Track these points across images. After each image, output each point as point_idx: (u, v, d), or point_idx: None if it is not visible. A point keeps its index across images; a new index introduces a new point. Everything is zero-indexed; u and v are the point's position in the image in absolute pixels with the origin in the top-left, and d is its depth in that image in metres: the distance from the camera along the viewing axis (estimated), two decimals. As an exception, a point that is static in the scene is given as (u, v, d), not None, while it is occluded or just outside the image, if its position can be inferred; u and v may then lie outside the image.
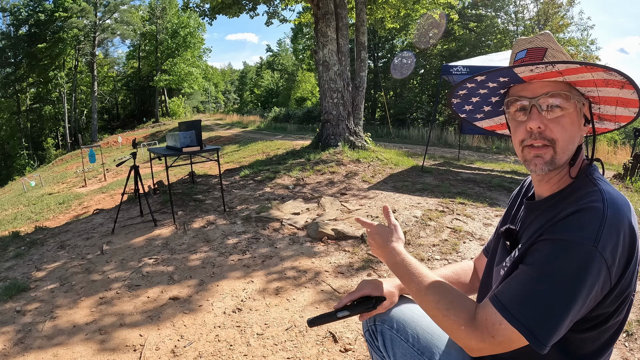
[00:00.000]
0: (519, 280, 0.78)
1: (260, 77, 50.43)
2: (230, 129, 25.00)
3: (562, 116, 0.84)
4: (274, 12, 10.91)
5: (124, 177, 11.27)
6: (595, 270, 0.72)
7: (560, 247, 0.75)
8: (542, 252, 0.78)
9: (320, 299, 2.57)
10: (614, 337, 0.85)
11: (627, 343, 2.08)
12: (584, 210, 0.76)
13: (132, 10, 36.72)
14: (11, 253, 3.78)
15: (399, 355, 1.02)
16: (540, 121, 0.84)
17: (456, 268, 1.24)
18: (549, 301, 0.73)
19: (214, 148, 4.48)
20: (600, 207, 0.75)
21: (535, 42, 0.89)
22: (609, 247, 0.73)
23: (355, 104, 8.73)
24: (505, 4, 24.27)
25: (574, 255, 0.73)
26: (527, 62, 0.86)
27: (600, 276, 0.73)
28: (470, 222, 3.94)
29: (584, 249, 0.72)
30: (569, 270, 0.73)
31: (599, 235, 0.72)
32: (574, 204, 0.80)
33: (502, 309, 0.77)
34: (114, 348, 2.17)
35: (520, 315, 0.74)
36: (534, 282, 0.75)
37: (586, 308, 0.76)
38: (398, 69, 26.78)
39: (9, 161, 34.87)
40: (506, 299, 0.77)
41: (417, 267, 0.96)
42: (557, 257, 0.75)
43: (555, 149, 0.85)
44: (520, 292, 0.76)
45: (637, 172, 5.59)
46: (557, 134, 0.84)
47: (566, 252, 0.74)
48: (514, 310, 0.75)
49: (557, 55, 0.87)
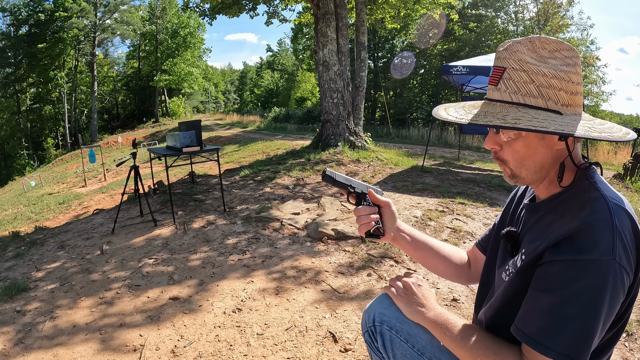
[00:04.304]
0: (543, 310, 0.76)
1: (260, 77, 50.44)
2: (230, 129, 25.00)
3: (515, 140, 0.85)
4: (274, 12, 10.91)
5: (124, 177, 11.27)
6: (619, 281, 0.73)
7: (580, 268, 0.73)
8: (559, 275, 0.75)
9: (321, 299, 2.57)
10: (616, 337, 0.85)
11: (627, 343, 2.08)
12: (593, 226, 0.75)
13: (132, 10, 36.71)
14: (11, 253, 3.78)
15: (398, 355, 1.02)
16: (495, 142, 0.88)
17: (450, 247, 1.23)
18: (582, 324, 0.72)
19: (214, 148, 4.48)
20: (608, 218, 0.75)
21: (500, 58, 0.85)
22: (624, 254, 0.73)
23: (355, 104, 8.74)
24: (505, 4, 24.28)
25: (597, 273, 0.72)
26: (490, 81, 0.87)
27: (624, 285, 0.74)
28: (470, 222, 3.94)
29: (604, 264, 0.72)
30: (596, 289, 0.72)
31: (614, 246, 0.72)
32: (577, 214, 0.78)
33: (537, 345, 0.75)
34: (114, 348, 2.17)
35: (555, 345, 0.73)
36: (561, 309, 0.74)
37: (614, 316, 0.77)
38: (398, 69, 26.79)
39: (9, 161, 34.85)
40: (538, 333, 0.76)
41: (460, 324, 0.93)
42: (577, 278, 0.73)
43: (510, 168, 0.87)
44: (549, 322, 0.75)
45: (637, 172, 5.59)
46: (508, 156, 0.87)
47: (588, 272, 0.72)
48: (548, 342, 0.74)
49: (514, 76, 0.82)
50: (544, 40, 0.82)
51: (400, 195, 5.06)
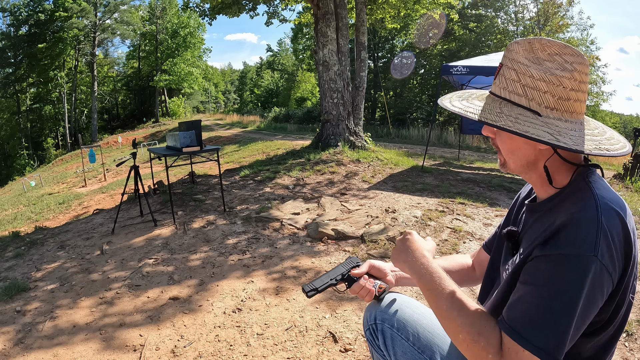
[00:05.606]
0: (526, 302, 0.78)
1: (260, 77, 50.44)
2: (230, 129, 25.00)
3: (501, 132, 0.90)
4: (274, 12, 10.91)
5: (124, 177, 11.27)
6: (599, 278, 0.73)
7: (561, 262, 0.75)
8: (543, 270, 0.77)
9: (321, 299, 2.57)
10: (615, 339, 0.86)
11: (627, 343, 2.08)
12: (578, 222, 0.76)
13: (132, 10, 36.70)
14: (11, 253, 3.78)
15: (399, 353, 1.02)
16: (489, 130, 0.94)
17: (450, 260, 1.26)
18: (559, 318, 0.73)
19: (214, 148, 4.48)
20: (594, 215, 0.75)
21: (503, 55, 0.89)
22: (607, 253, 0.74)
23: (355, 104, 8.74)
24: (505, 4, 24.28)
25: (577, 269, 0.73)
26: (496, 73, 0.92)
27: (604, 282, 0.74)
28: (470, 222, 3.94)
29: (586, 260, 0.73)
30: (574, 284, 0.73)
31: (597, 244, 0.73)
32: (567, 212, 0.79)
33: (517, 336, 0.76)
34: (114, 348, 2.17)
35: (533, 338, 0.74)
36: (543, 301, 0.75)
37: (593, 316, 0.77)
38: (398, 69, 26.79)
39: (9, 161, 34.83)
40: (518, 324, 0.77)
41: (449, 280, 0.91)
42: (560, 273, 0.74)
43: (503, 156, 0.93)
44: (529, 315, 0.76)
45: (637, 172, 5.59)
46: (500, 144, 0.92)
47: (568, 266, 0.74)
48: (527, 335, 0.75)
49: (506, 73, 0.86)
50: (545, 43, 0.82)
51: (400, 195, 5.07)
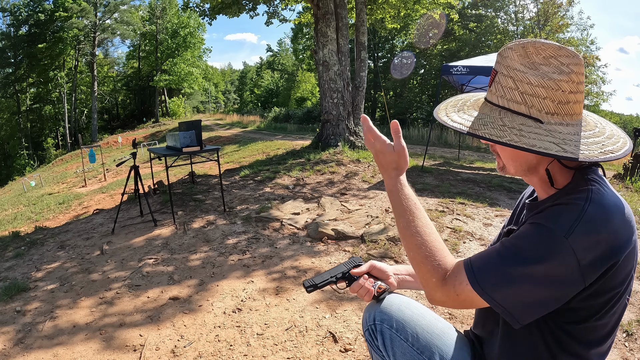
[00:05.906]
0: (491, 251, 0.84)
1: (260, 77, 50.43)
2: (230, 129, 25.00)
3: None
4: (274, 12, 10.91)
5: (124, 177, 11.27)
6: (560, 258, 0.74)
7: (534, 228, 0.79)
8: (519, 231, 0.83)
9: (321, 299, 2.57)
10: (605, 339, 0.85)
11: (627, 343, 2.08)
12: (565, 205, 0.79)
13: (132, 10, 36.70)
14: (11, 253, 3.79)
15: (398, 354, 1.02)
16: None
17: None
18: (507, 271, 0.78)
19: (214, 148, 4.48)
20: (581, 204, 0.77)
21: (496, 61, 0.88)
22: (582, 242, 0.74)
23: (355, 104, 8.74)
24: (505, 4, 24.29)
25: (543, 239, 0.77)
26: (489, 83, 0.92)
27: (564, 267, 0.74)
28: (470, 222, 3.94)
29: (554, 236, 0.75)
30: (534, 249, 0.77)
31: (573, 228, 0.74)
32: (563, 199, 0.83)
33: (470, 272, 0.82)
34: (114, 348, 2.17)
35: (481, 279, 0.80)
36: (502, 253, 0.81)
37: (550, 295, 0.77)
38: (398, 69, 26.80)
39: (9, 161, 34.84)
40: (476, 265, 0.83)
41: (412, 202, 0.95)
42: (528, 236, 0.80)
43: (501, 160, 0.94)
44: (487, 261, 0.82)
45: (637, 172, 5.59)
46: (500, 151, 0.93)
47: (537, 234, 0.78)
48: (478, 274, 0.81)
49: (503, 80, 0.84)
50: (539, 46, 0.80)
51: (400, 195, 5.06)
